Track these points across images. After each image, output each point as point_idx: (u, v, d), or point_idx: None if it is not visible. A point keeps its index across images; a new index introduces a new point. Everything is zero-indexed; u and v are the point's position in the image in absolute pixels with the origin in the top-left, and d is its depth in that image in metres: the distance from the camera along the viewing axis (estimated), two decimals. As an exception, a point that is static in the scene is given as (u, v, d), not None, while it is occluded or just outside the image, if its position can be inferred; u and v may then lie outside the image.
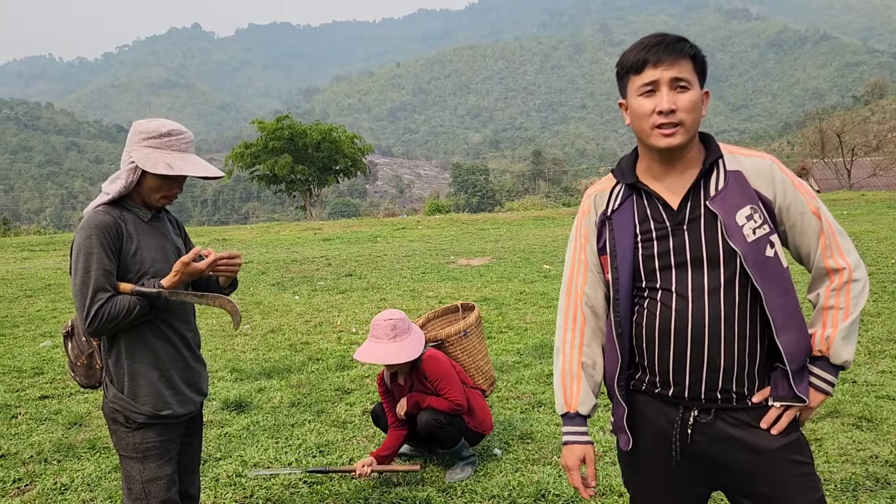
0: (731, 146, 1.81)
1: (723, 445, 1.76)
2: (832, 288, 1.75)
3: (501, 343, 6.67)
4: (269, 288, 11.13)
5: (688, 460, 1.80)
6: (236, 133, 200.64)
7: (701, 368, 1.73)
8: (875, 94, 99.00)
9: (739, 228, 1.69)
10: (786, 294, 1.71)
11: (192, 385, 2.48)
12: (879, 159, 37.92)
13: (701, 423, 1.76)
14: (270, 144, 39.33)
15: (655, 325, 1.76)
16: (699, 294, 1.71)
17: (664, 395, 1.81)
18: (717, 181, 1.74)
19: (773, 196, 1.74)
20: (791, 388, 1.72)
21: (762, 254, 1.69)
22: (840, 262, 1.75)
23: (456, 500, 3.50)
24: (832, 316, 1.75)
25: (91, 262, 2.22)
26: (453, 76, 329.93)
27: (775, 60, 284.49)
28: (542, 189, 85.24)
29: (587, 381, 1.92)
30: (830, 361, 1.76)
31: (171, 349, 2.40)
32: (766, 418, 1.74)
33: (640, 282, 1.79)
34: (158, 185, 2.34)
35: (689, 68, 1.70)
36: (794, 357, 1.72)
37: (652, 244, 1.77)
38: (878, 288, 8.15)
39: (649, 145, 1.75)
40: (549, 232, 18.38)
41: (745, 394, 1.75)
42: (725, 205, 1.71)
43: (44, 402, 5.41)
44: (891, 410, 4.33)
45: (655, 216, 1.78)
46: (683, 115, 1.68)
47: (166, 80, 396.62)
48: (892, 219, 15.98)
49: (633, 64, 1.72)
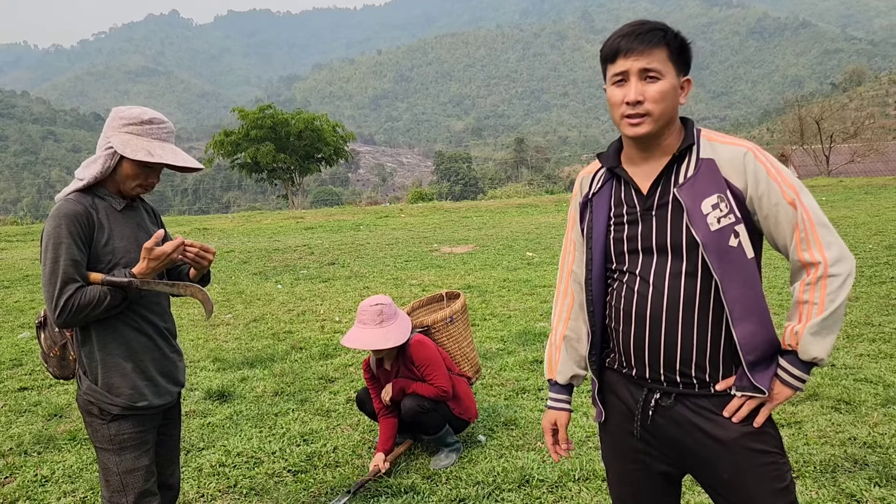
0: (714, 133, 1.80)
1: (683, 430, 1.78)
2: (806, 282, 1.71)
3: (485, 330, 6.68)
4: (251, 277, 11.06)
5: (651, 438, 1.85)
6: (216, 122, 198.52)
7: (658, 351, 1.76)
8: (853, 82, 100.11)
9: (704, 217, 1.68)
10: (746, 285, 1.69)
11: (169, 376, 2.44)
12: (857, 146, 38.38)
13: (662, 405, 1.80)
14: (252, 133, 39.01)
15: (621, 307, 1.82)
16: (660, 279, 1.74)
17: (630, 375, 1.86)
18: (688, 169, 1.74)
19: (745, 186, 1.71)
20: (749, 378, 1.72)
21: (724, 243, 1.68)
22: (816, 255, 1.69)
23: (441, 486, 3.51)
24: (806, 311, 1.71)
25: (60, 252, 2.17)
26: (435, 63, 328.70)
27: (755, 48, 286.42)
28: (524, 177, 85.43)
29: (568, 353, 2.03)
30: (799, 357, 1.73)
31: (145, 340, 2.36)
32: (729, 407, 1.75)
33: (611, 263, 1.85)
34: (135, 172, 2.29)
35: (662, 57, 1.69)
36: (750, 349, 1.71)
37: (623, 228, 1.82)
38: (857, 273, 8.23)
39: (621, 133, 1.80)
40: (532, 219, 18.42)
41: (707, 381, 1.76)
42: (693, 192, 1.71)
43: (23, 394, 5.34)
44: (869, 393, 4.39)
45: (628, 201, 1.82)
46: (651, 106, 1.69)
47: (144, 67, 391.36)
48: (869, 205, 16.19)
49: (608, 53, 1.75)
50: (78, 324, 2.23)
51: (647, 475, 1.91)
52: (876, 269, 8.42)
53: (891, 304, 6.66)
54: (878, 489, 3.18)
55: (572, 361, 2.03)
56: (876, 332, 5.75)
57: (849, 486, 3.22)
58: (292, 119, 39.87)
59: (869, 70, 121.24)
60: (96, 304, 2.18)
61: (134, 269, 2.25)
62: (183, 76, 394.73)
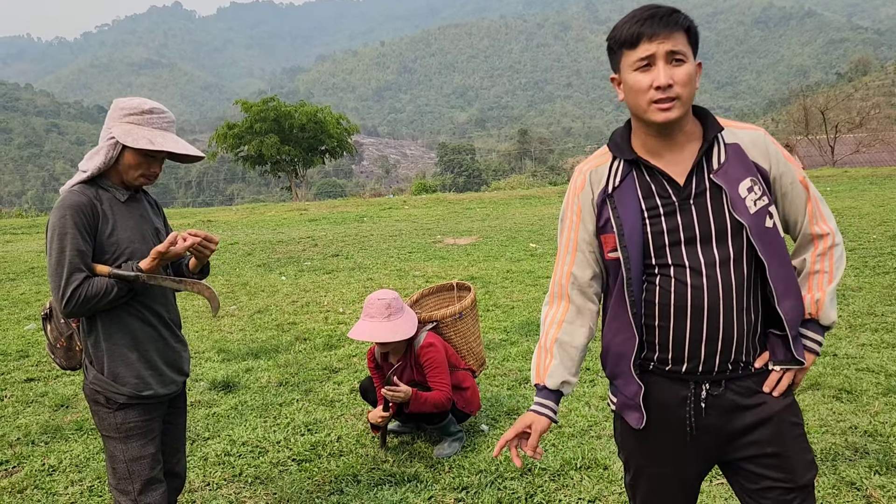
0: (723, 119, 1.82)
1: (732, 415, 1.80)
2: (818, 253, 1.83)
3: (489, 321, 6.70)
4: (255, 269, 11.10)
5: (700, 434, 1.82)
6: (219, 114, 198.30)
7: (716, 341, 1.75)
8: (858, 71, 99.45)
9: (742, 200, 1.71)
10: (784, 263, 1.77)
11: (173, 365, 2.47)
12: (862, 136, 38.17)
13: (713, 395, 1.79)
14: (256, 126, 38.98)
15: (671, 302, 1.75)
16: (712, 268, 1.73)
17: (675, 372, 1.80)
18: (719, 155, 1.75)
19: (769, 166, 1.77)
20: (790, 352, 1.78)
21: (763, 225, 1.73)
22: (824, 227, 1.82)
23: (444, 475, 3.54)
24: (818, 280, 1.82)
25: (65, 243, 2.20)
26: (438, 55, 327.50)
27: (760, 37, 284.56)
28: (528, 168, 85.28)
29: (560, 357, 1.92)
30: (819, 322, 1.83)
31: (149, 330, 2.39)
32: (768, 382, 1.80)
33: (650, 259, 1.77)
34: (138, 161, 2.31)
35: (684, 40, 1.68)
36: (794, 323, 1.78)
37: (660, 220, 1.75)
38: (860, 263, 8.25)
39: (646, 120, 1.72)
40: (535, 211, 18.41)
41: (750, 361, 1.80)
42: (728, 178, 1.72)
43: (29, 385, 5.39)
44: (870, 382, 4.40)
45: (661, 192, 1.76)
46: (680, 90, 1.66)
47: (147, 59, 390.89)
48: (874, 195, 16.13)
49: (627, 38, 1.68)
50: (84, 314, 2.26)
51: (683, 478, 1.91)
52: (880, 259, 8.40)
53: (894, 295, 6.66)
54: (879, 477, 3.20)
55: (564, 367, 1.92)
56: (879, 322, 5.75)
57: (849, 473, 3.24)
58: (296, 111, 39.81)
59: (875, 60, 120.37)
60: (103, 295, 2.21)
61: (141, 264, 2.28)
62: (186, 68, 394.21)
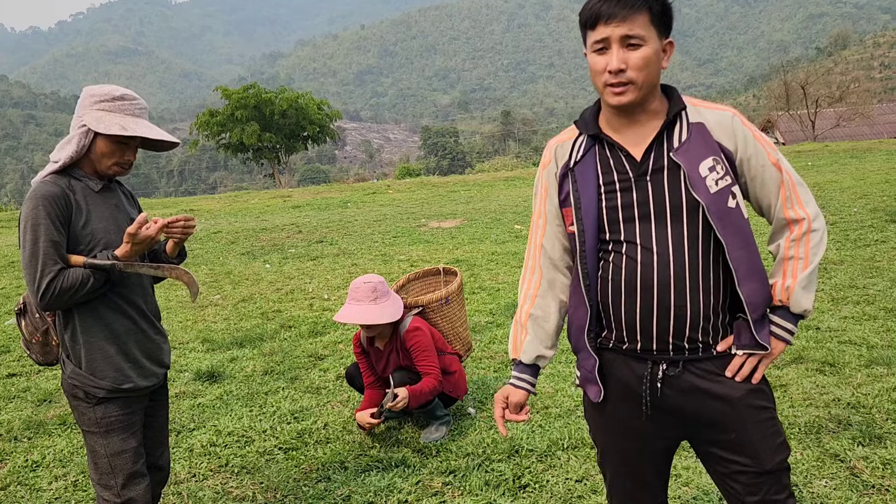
0: (694, 99, 1.81)
1: (691, 396, 1.78)
2: (791, 238, 1.78)
3: (474, 304, 6.70)
4: (239, 257, 11.01)
5: (657, 414, 1.82)
6: (199, 101, 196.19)
7: (667, 319, 1.73)
8: (838, 46, 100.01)
9: (702, 179, 1.69)
10: (746, 245, 1.73)
11: (153, 357, 2.43)
12: (842, 110, 38.46)
13: (670, 376, 1.78)
14: (238, 113, 38.57)
15: (621, 279, 1.76)
16: (664, 245, 1.72)
17: (632, 351, 1.81)
18: (681, 133, 1.74)
19: (735, 148, 1.75)
20: (753, 336, 1.75)
21: (724, 205, 1.70)
22: (800, 212, 1.77)
23: (431, 459, 3.54)
24: (792, 266, 1.78)
25: (39, 234, 2.15)
26: (419, 37, 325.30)
27: (741, 14, 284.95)
28: (511, 149, 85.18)
29: (534, 332, 1.96)
30: (790, 310, 1.79)
31: (127, 322, 2.35)
32: (731, 366, 1.78)
33: (604, 234, 1.78)
34: (111, 149, 2.26)
35: (644, 22, 1.65)
36: (755, 307, 1.75)
37: (616, 195, 1.76)
38: (842, 236, 8.31)
39: (604, 101, 1.76)
40: (519, 192, 18.39)
41: (711, 343, 1.77)
42: (689, 156, 1.71)
43: (11, 380, 5.32)
44: (853, 355, 4.44)
45: (619, 167, 1.76)
46: (633, 74, 1.66)
47: (124, 48, 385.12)
48: (854, 168, 16.25)
49: (588, 19, 1.70)
50: (61, 307, 2.22)
51: (648, 452, 1.90)
52: (861, 231, 8.47)
53: (875, 267, 6.72)
54: (862, 448, 3.23)
55: (538, 341, 1.95)
56: (860, 295, 5.80)
57: (833, 446, 3.27)
58: (276, 98, 39.42)
59: (854, 34, 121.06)
60: (79, 286, 2.16)
61: (117, 252, 2.23)
62: (164, 56, 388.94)
